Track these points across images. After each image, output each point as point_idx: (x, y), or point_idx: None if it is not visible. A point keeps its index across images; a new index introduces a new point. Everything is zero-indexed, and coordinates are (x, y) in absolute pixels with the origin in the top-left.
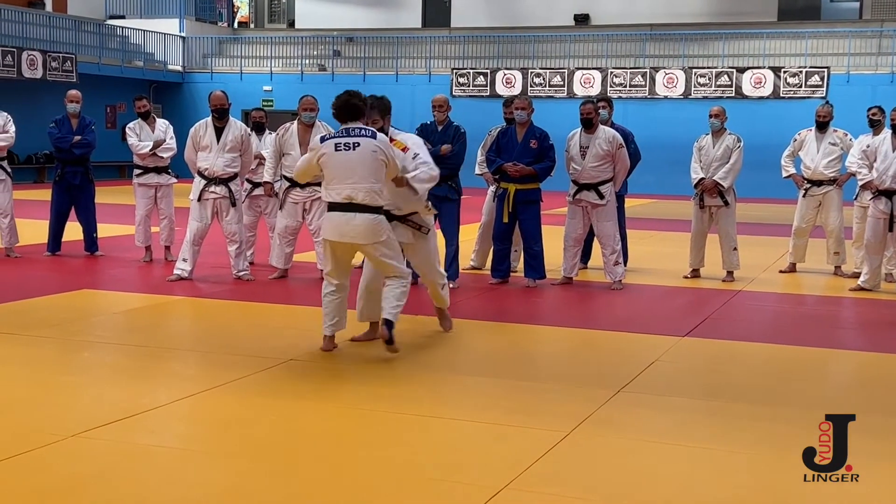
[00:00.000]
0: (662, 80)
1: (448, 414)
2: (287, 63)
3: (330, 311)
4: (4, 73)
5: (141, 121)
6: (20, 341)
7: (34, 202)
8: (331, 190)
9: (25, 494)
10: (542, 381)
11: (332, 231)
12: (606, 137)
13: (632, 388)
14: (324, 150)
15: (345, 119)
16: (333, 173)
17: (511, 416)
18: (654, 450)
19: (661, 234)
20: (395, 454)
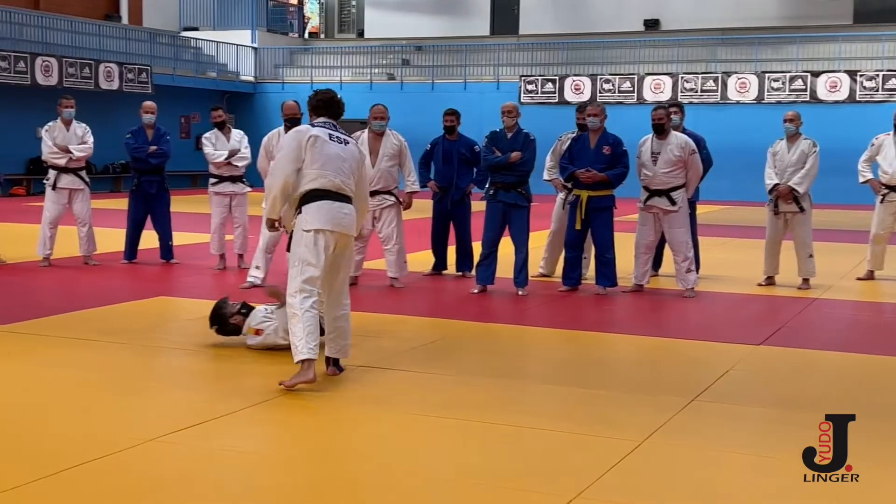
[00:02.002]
0: (735, 84)
1: (520, 422)
2: (356, 72)
3: (312, 329)
4: (82, 84)
5: (217, 130)
6: (98, 347)
7: (111, 211)
8: (317, 176)
9: (106, 497)
10: (613, 390)
11: (326, 219)
12: (678, 143)
13: (706, 397)
14: (316, 133)
15: (329, 116)
16: (323, 160)
17: (583, 425)
18: (729, 460)
19: (734, 240)
20: (467, 462)
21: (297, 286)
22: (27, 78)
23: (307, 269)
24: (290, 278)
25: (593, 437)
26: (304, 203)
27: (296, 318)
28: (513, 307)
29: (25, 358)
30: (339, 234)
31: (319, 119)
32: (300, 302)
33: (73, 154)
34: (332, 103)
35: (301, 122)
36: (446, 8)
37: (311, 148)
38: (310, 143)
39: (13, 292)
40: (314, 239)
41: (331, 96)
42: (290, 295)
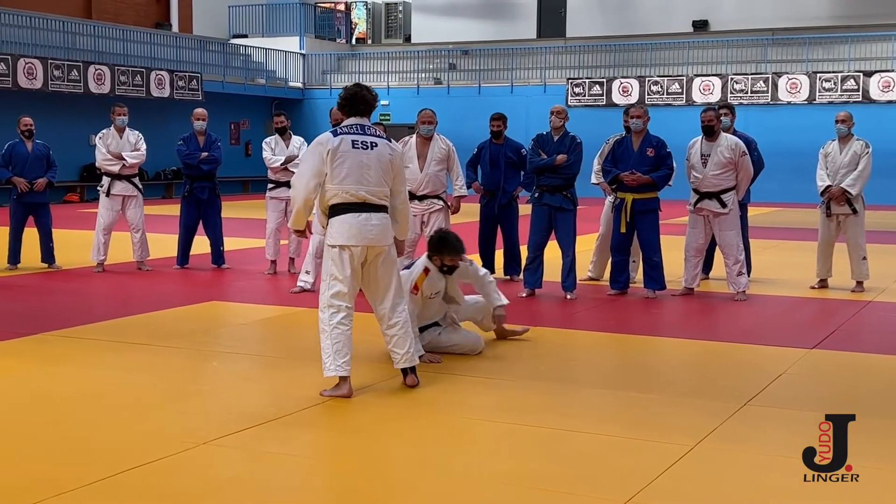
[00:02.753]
0: (785, 85)
1: (569, 426)
2: (403, 77)
3: (341, 346)
4: (134, 92)
5: (278, 136)
6: (152, 351)
7: (163, 217)
8: (340, 189)
9: (160, 500)
10: (664, 394)
11: (350, 234)
12: (728, 145)
13: (758, 401)
14: (336, 144)
15: (356, 113)
16: (346, 172)
17: (634, 430)
18: (781, 465)
19: (786, 243)
20: (516, 466)
21: (325, 301)
22: (80, 86)
23: (334, 284)
24: (320, 293)
25: (643, 442)
26: (331, 215)
27: (324, 335)
28: (561, 311)
29: (81, 362)
30: (367, 247)
31: (349, 120)
32: (328, 318)
33: (127, 161)
34: (356, 99)
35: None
36: (493, 12)
37: (330, 161)
38: (329, 156)
39: (68, 298)
40: (339, 254)
41: (353, 92)
42: (320, 310)
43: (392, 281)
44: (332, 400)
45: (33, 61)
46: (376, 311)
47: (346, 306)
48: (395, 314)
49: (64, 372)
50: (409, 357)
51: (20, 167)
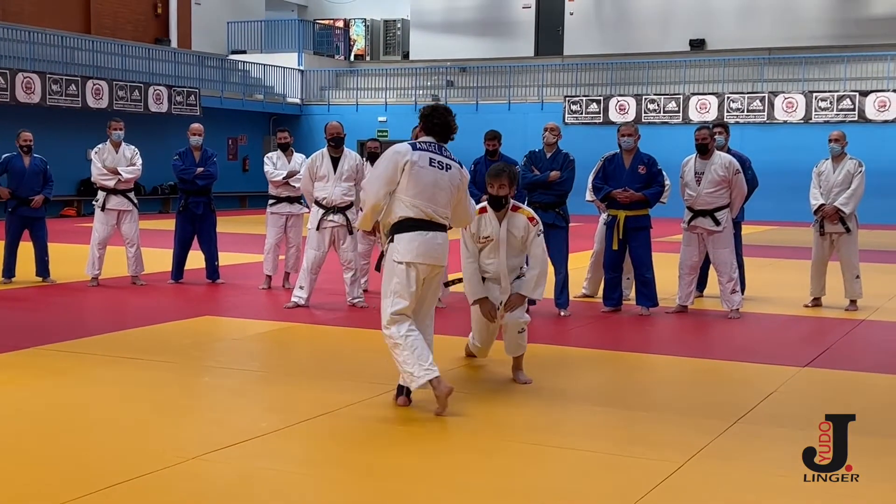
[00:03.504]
0: (782, 104)
1: (560, 443)
2: (401, 94)
3: (420, 350)
4: (132, 107)
5: (280, 152)
6: (144, 366)
7: (160, 232)
8: (410, 203)
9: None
10: (656, 411)
11: (417, 252)
12: (722, 163)
13: (749, 419)
14: (414, 157)
15: (435, 134)
16: (419, 188)
17: (624, 446)
18: (771, 483)
19: (780, 261)
20: (508, 482)
21: (388, 318)
22: (78, 101)
23: (398, 301)
24: (382, 309)
25: (634, 459)
26: (396, 231)
27: (399, 347)
28: (554, 328)
29: (74, 376)
30: (430, 265)
31: (426, 138)
32: (396, 330)
33: (122, 176)
34: (445, 128)
35: (343, 143)
36: (490, 29)
37: (406, 173)
38: (406, 167)
39: (62, 312)
40: (406, 271)
41: (447, 120)
42: (384, 327)
43: (435, 300)
44: (323, 416)
45: (32, 76)
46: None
47: (408, 318)
48: (427, 333)
49: (57, 386)
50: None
51: (17, 181)
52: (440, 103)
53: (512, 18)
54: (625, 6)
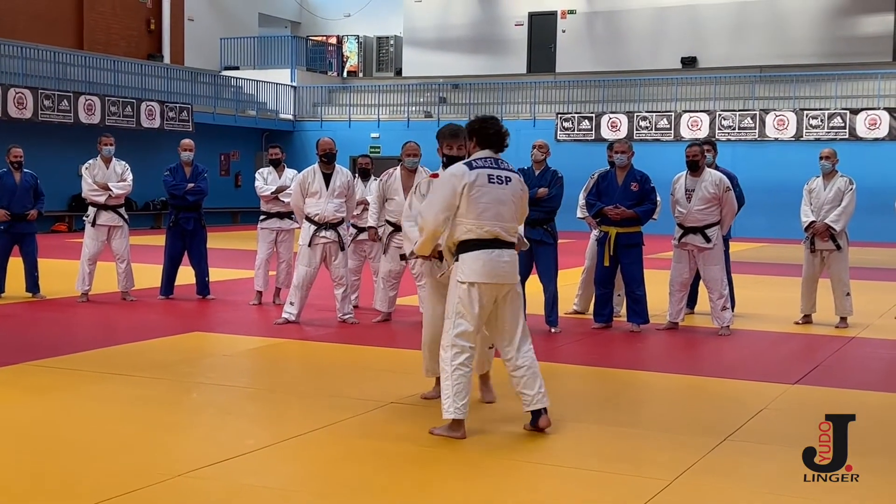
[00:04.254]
0: (773, 122)
1: (549, 460)
2: (394, 110)
3: (461, 388)
4: (124, 123)
5: (272, 167)
6: (133, 382)
7: (149, 247)
8: (475, 225)
9: None
10: (645, 429)
11: (483, 272)
12: (713, 180)
13: (738, 436)
14: (473, 178)
15: (488, 146)
16: (482, 207)
17: (612, 464)
18: (760, 500)
19: (771, 278)
20: (498, 500)
21: (450, 340)
22: (70, 116)
23: (460, 322)
24: (444, 331)
25: (622, 476)
26: (461, 251)
27: (445, 374)
28: (545, 344)
29: (63, 392)
30: (497, 284)
31: (481, 153)
32: (451, 357)
33: (113, 191)
34: (499, 137)
35: (335, 159)
36: (483, 47)
37: (466, 196)
38: (465, 190)
39: (52, 327)
40: (468, 291)
41: (498, 129)
42: (442, 348)
43: (518, 320)
44: (308, 433)
45: (24, 91)
46: (501, 351)
47: (470, 346)
48: (521, 355)
49: (46, 402)
50: (540, 398)
51: (7, 198)
52: (488, 115)
53: (504, 36)
54: (617, 24)
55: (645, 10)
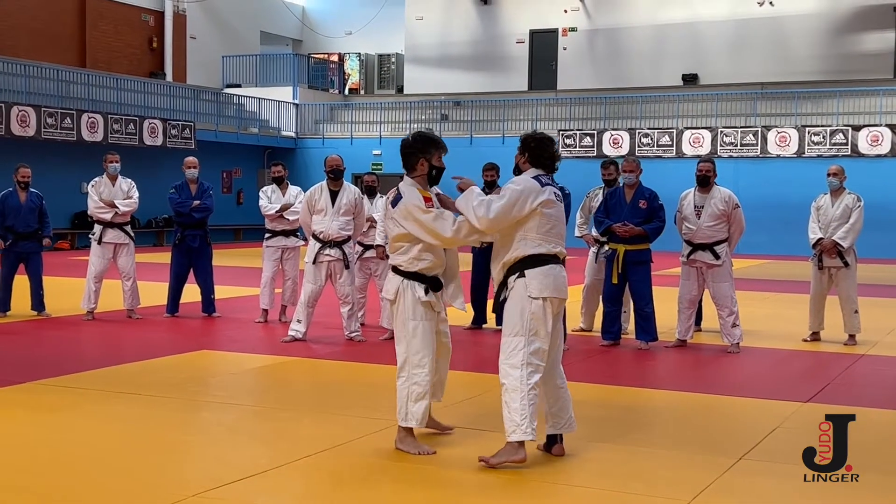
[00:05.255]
0: (775, 138)
1: (562, 479)
2: (396, 127)
3: (535, 409)
4: (127, 140)
5: (275, 185)
6: (141, 401)
7: (154, 265)
8: (544, 241)
9: None
10: (658, 447)
11: (554, 286)
12: (722, 197)
13: (753, 455)
14: (547, 195)
15: (547, 170)
16: (550, 224)
17: (628, 483)
18: None
19: (775, 295)
20: None
21: (524, 359)
22: (73, 134)
23: (534, 340)
24: (513, 348)
25: (638, 496)
26: (528, 266)
27: (518, 393)
28: None
29: (72, 412)
30: (562, 300)
31: (537, 171)
32: (527, 376)
33: (119, 209)
34: (552, 161)
35: (342, 176)
36: (485, 64)
37: (539, 213)
38: (541, 205)
39: (59, 346)
40: (543, 307)
41: (553, 153)
42: (512, 367)
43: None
44: (320, 452)
45: (27, 109)
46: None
47: (542, 366)
48: (562, 374)
49: (54, 421)
50: (572, 423)
51: (12, 218)
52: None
53: (506, 53)
54: (618, 41)
55: (646, 27)
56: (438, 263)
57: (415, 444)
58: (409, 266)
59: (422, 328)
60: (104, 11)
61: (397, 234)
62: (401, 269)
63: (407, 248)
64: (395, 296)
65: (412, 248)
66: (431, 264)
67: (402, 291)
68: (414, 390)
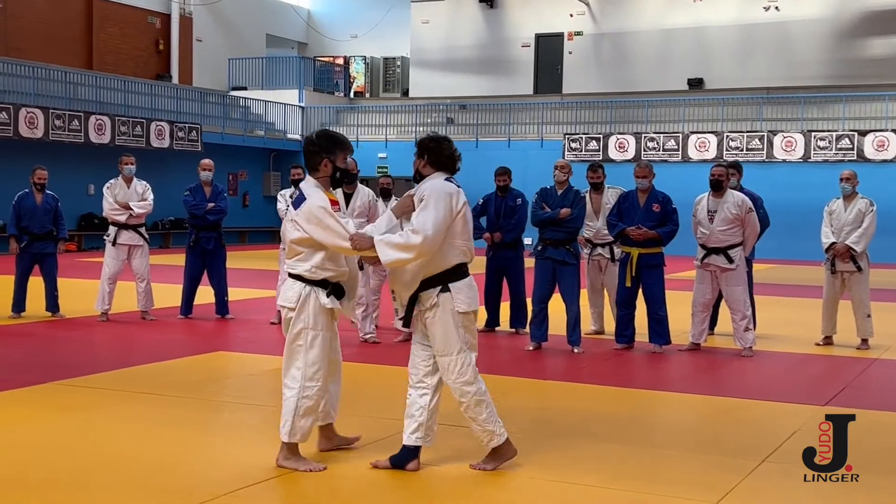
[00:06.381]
0: (780, 143)
1: (585, 480)
2: (401, 131)
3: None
4: (134, 142)
5: (293, 188)
6: (162, 402)
7: (163, 266)
8: (464, 248)
9: None
10: (678, 450)
11: (475, 299)
12: (735, 201)
13: (776, 458)
14: (463, 198)
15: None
16: (466, 228)
17: (652, 485)
18: None
19: (785, 299)
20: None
21: (471, 374)
22: (81, 136)
23: (473, 353)
24: (461, 365)
25: (664, 498)
26: (453, 278)
27: (483, 404)
28: (568, 364)
29: (94, 412)
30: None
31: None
32: (483, 388)
33: (133, 211)
34: (453, 161)
35: (356, 179)
36: (490, 68)
37: (462, 215)
38: (463, 209)
39: (74, 347)
40: (471, 320)
41: (453, 152)
42: (466, 384)
43: None
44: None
45: (35, 111)
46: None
47: None
48: None
49: (76, 422)
50: None
51: (27, 219)
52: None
53: (511, 57)
54: (623, 46)
55: (651, 31)
56: (343, 272)
57: (303, 461)
58: (313, 275)
59: (321, 339)
60: (111, 14)
61: (298, 237)
62: (304, 278)
63: (308, 254)
64: (297, 303)
65: (314, 255)
66: (336, 273)
67: (305, 298)
68: (304, 404)
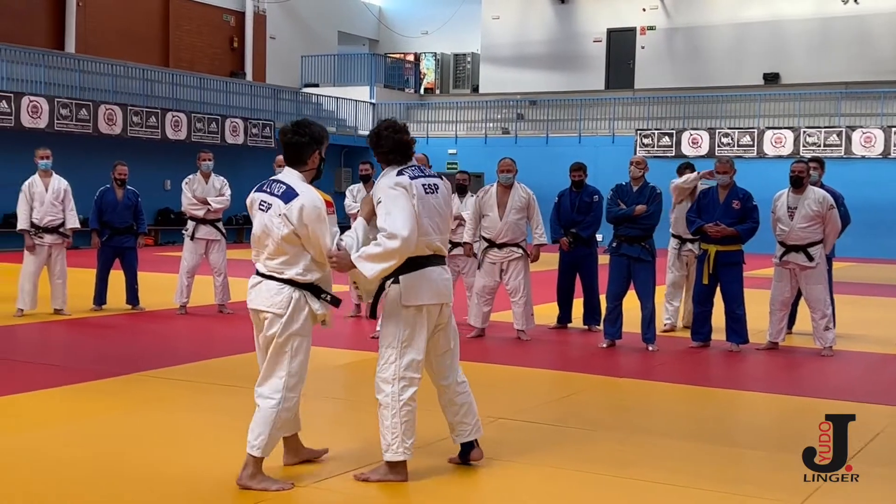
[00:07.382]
0: (860, 139)
1: (659, 478)
2: (471, 127)
3: (410, 426)
4: (209, 139)
5: (361, 184)
6: (242, 393)
7: (236, 261)
8: (422, 242)
9: None
10: (759, 449)
11: (432, 292)
12: (816, 198)
13: (860, 458)
14: (416, 189)
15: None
16: (427, 221)
17: (733, 485)
18: None
19: (864, 298)
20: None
21: (396, 373)
22: (158, 132)
23: (409, 352)
24: (386, 362)
25: (746, 498)
26: (401, 271)
27: (390, 410)
28: (641, 362)
29: (177, 403)
30: (442, 305)
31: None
32: (399, 391)
33: (211, 206)
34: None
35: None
36: (561, 63)
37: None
38: (415, 203)
39: (155, 339)
40: (416, 316)
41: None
42: (384, 381)
43: (457, 342)
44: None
45: (113, 107)
46: (447, 377)
47: (418, 379)
48: (460, 382)
49: (148, 413)
50: (479, 427)
51: (109, 214)
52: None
53: (582, 52)
54: (697, 40)
55: (726, 25)
56: (327, 273)
57: (272, 480)
58: (304, 278)
59: (305, 347)
60: (187, 12)
61: (287, 235)
62: (294, 282)
63: (295, 256)
64: (287, 308)
65: (301, 257)
66: (322, 275)
67: (297, 303)
68: (283, 416)
